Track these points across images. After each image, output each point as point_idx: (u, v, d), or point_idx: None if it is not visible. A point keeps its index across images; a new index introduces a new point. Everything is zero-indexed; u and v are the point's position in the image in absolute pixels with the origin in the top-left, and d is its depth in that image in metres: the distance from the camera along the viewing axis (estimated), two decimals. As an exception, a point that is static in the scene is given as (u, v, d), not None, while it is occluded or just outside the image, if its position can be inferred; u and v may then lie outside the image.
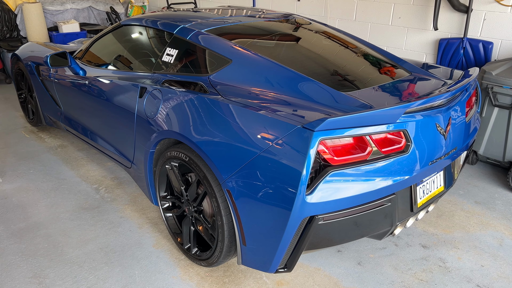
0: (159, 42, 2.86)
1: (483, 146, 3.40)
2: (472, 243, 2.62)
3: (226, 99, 2.07)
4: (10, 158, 3.75)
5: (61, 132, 4.32)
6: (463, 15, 3.94)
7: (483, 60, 3.88)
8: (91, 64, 3.27)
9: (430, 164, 2.03)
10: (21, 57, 4.05)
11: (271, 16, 3.11)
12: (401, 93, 2.28)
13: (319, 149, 1.70)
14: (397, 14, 4.46)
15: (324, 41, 2.87)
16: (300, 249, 1.84)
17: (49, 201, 3.06)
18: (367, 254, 2.50)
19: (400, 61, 2.72)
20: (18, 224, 2.77)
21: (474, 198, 3.15)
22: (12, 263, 2.41)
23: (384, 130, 1.82)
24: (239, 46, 2.43)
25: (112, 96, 2.84)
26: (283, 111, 1.88)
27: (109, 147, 3.06)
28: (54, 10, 7.27)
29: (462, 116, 2.28)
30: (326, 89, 2.09)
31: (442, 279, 2.31)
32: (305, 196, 1.69)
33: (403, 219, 2.06)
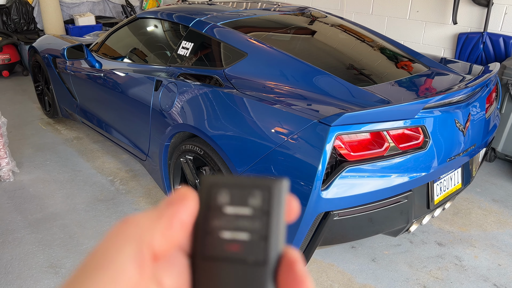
0: (174, 35, 2.86)
1: (502, 143, 3.33)
2: (489, 241, 2.57)
3: (241, 93, 2.06)
4: (27, 149, 3.81)
5: (77, 124, 4.37)
6: (484, 9, 3.85)
7: (503, 55, 3.78)
8: (107, 56, 3.29)
9: (448, 161, 1.99)
10: (38, 50, 4.09)
11: (286, 9, 3.08)
12: (419, 88, 2.25)
13: (335, 144, 1.69)
14: (415, 8, 4.38)
15: (340, 35, 2.83)
16: (314, 244, 1.83)
17: (65, 192, 3.10)
18: (381, 251, 2.48)
19: (418, 56, 2.67)
20: (35, 215, 2.82)
21: (492, 196, 3.09)
22: (29, 252, 2.45)
23: (402, 125, 1.80)
24: (254, 39, 2.41)
25: (127, 89, 2.85)
26: (298, 105, 1.86)
27: (124, 139, 3.09)
28: (70, 3, 7.33)
29: (481, 112, 2.23)
30: (342, 83, 2.07)
31: (458, 277, 2.28)
32: (321, 192, 1.68)
33: (419, 216, 2.04)
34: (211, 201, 0.30)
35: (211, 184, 0.31)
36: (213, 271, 0.29)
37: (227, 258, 0.29)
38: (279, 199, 0.30)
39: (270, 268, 0.29)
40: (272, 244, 0.29)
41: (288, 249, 0.30)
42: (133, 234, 0.26)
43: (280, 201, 0.30)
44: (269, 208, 0.29)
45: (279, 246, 0.29)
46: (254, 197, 0.30)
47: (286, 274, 0.28)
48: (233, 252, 0.29)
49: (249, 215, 0.29)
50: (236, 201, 0.30)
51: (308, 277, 0.28)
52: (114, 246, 0.26)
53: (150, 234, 0.27)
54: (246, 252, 0.29)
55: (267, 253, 0.29)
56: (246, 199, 0.30)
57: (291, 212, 0.30)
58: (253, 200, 0.30)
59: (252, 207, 0.30)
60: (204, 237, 0.30)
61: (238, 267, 0.29)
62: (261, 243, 0.29)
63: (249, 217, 0.29)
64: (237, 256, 0.29)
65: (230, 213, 0.30)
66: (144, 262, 0.26)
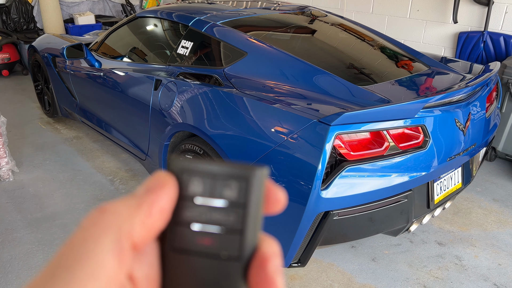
0: (174, 34, 2.86)
1: (503, 142, 3.32)
2: (490, 241, 2.57)
3: (240, 92, 2.06)
4: (27, 148, 3.80)
5: (76, 124, 4.37)
6: (484, 8, 3.84)
7: (503, 55, 3.78)
8: (106, 56, 3.28)
9: (448, 160, 1.98)
10: (38, 49, 4.09)
11: (286, 8, 3.08)
12: (419, 87, 2.24)
13: (335, 144, 1.68)
14: (415, 7, 4.37)
15: (340, 34, 2.83)
16: (314, 244, 1.83)
17: (64, 192, 3.10)
18: (381, 251, 2.47)
19: (418, 55, 2.66)
20: (34, 214, 2.82)
21: (492, 195, 3.08)
22: (29, 252, 2.45)
23: (402, 125, 1.79)
24: (254, 38, 2.41)
25: (127, 88, 2.85)
26: (298, 105, 1.86)
27: (124, 139, 3.08)
28: (70, 2, 7.33)
29: (482, 111, 2.22)
30: (342, 82, 2.06)
31: (458, 277, 2.27)
32: (320, 191, 1.67)
33: (419, 216, 2.03)
34: (182, 189, 0.28)
35: (182, 170, 0.28)
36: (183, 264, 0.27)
37: (198, 252, 0.27)
38: (257, 190, 0.27)
39: (244, 263, 0.27)
40: (248, 239, 0.27)
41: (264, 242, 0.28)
42: (111, 223, 0.25)
43: (258, 193, 0.27)
44: (245, 200, 0.27)
45: (255, 240, 0.28)
46: (229, 188, 0.27)
47: (257, 272, 0.27)
48: (205, 246, 0.27)
49: (223, 207, 0.27)
50: (210, 192, 0.28)
51: (279, 276, 0.27)
52: (92, 236, 0.24)
53: (129, 223, 0.25)
54: (219, 246, 0.27)
55: (242, 249, 0.27)
56: (221, 190, 0.27)
57: (276, 203, 0.29)
58: (229, 191, 0.27)
59: (227, 199, 0.27)
60: (174, 228, 0.28)
61: (209, 261, 0.27)
62: (236, 237, 0.27)
63: (223, 210, 0.27)
64: (209, 251, 0.27)
65: (203, 204, 0.28)
66: (123, 253, 0.25)
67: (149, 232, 0.26)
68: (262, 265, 0.27)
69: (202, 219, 0.28)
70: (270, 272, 0.27)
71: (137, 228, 0.25)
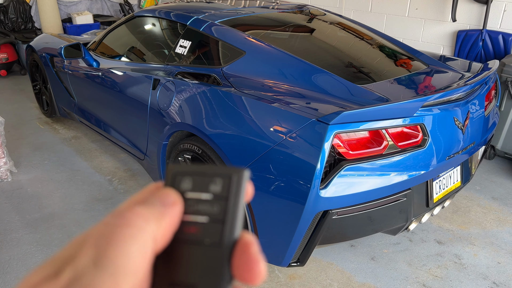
0: (172, 33, 2.85)
1: (502, 140, 3.32)
2: (489, 239, 2.57)
3: (239, 92, 2.05)
4: (25, 148, 3.79)
5: (75, 124, 4.36)
6: (483, 6, 3.84)
7: (502, 53, 3.78)
8: (104, 55, 3.27)
9: (447, 159, 1.98)
10: (36, 49, 4.08)
11: (285, 7, 3.07)
12: (418, 86, 2.24)
13: (334, 143, 1.68)
14: (414, 5, 4.37)
15: (339, 33, 2.82)
16: (313, 243, 1.83)
17: (63, 192, 3.09)
18: (381, 249, 2.47)
19: (417, 53, 2.66)
20: (33, 214, 2.81)
21: (491, 193, 3.08)
22: (28, 252, 2.44)
23: (401, 124, 1.79)
24: (252, 37, 2.40)
25: (125, 88, 2.84)
26: (297, 104, 1.85)
27: (123, 138, 3.08)
28: (68, 2, 7.31)
29: (480, 110, 2.22)
30: (341, 81, 2.06)
31: (458, 275, 2.27)
32: (319, 191, 1.67)
33: (419, 215, 2.03)
34: (174, 187, 0.32)
35: (176, 172, 0.33)
36: (171, 251, 0.31)
37: (185, 239, 0.31)
38: (239, 186, 0.31)
39: (226, 250, 0.30)
40: (228, 227, 0.31)
41: (244, 233, 0.32)
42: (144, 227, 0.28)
43: (239, 188, 0.31)
44: (228, 194, 0.31)
45: (236, 230, 0.31)
46: (215, 184, 0.32)
47: (240, 255, 0.30)
48: (191, 234, 0.31)
49: (209, 199, 0.31)
50: (198, 187, 0.32)
51: (261, 258, 0.30)
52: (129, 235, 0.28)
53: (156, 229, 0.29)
54: (203, 234, 0.31)
55: (222, 236, 0.30)
56: (207, 186, 0.32)
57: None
58: (214, 186, 0.32)
59: (212, 193, 0.31)
60: None
61: (195, 248, 0.30)
62: (218, 226, 0.31)
63: (208, 202, 0.31)
64: (194, 238, 0.31)
65: (192, 198, 0.32)
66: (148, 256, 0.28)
67: (164, 242, 0.30)
68: (245, 248, 0.30)
69: (191, 211, 0.32)
70: (253, 253, 0.30)
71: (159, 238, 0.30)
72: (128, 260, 0.27)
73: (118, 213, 0.29)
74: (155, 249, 0.29)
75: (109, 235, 0.27)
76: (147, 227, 0.28)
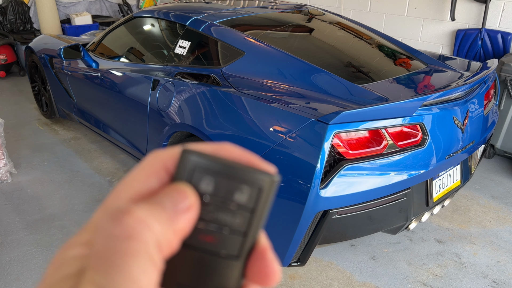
0: (171, 34, 2.85)
1: (501, 139, 3.32)
2: (489, 238, 2.57)
3: (238, 92, 2.05)
4: (25, 150, 3.79)
5: (74, 124, 4.35)
6: (482, 5, 3.84)
7: (501, 52, 3.78)
8: (103, 56, 3.27)
9: (447, 158, 1.99)
10: (35, 50, 4.07)
11: (284, 7, 3.07)
12: (417, 85, 2.24)
13: (333, 143, 1.68)
14: (413, 5, 4.37)
15: (338, 32, 2.82)
16: (313, 243, 1.83)
17: (63, 193, 3.09)
18: (381, 249, 2.47)
19: (416, 53, 2.66)
20: (33, 216, 2.81)
21: (491, 192, 3.09)
22: (28, 253, 2.44)
23: (400, 123, 1.79)
24: (252, 37, 2.40)
25: (124, 89, 2.84)
26: (297, 104, 1.86)
27: (122, 139, 3.07)
28: (66, 2, 7.30)
29: (480, 109, 2.22)
30: (341, 81, 2.06)
31: (458, 274, 2.27)
32: (319, 190, 1.67)
33: (419, 214, 2.03)
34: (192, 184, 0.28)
35: (195, 165, 0.27)
36: (182, 257, 0.28)
37: (199, 247, 0.28)
38: (267, 198, 0.28)
39: (242, 260, 0.28)
40: (249, 241, 0.28)
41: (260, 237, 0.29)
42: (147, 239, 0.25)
43: (268, 200, 0.28)
44: (255, 206, 0.28)
45: (255, 239, 0.29)
46: (241, 192, 0.27)
47: (256, 261, 0.28)
48: (206, 243, 0.28)
49: (231, 209, 0.27)
50: (220, 193, 0.27)
51: (276, 261, 0.29)
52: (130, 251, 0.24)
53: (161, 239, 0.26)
54: (220, 245, 0.28)
55: (242, 249, 0.28)
56: (232, 193, 0.27)
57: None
58: (240, 195, 0.27)
59: (237, 202, 0.27)
60: None
61: (208, 257, 0.28)
62: (239, 239, 0.28)
63: (231, 211, 0.27)
64: (209, 248, 0.28)
65: (211, 203, 0.28)
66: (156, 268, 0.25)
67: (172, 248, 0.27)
68: (262, 255, 0.28)
69: (208, 218, 0.28)
70: (269, 259, 0.28)
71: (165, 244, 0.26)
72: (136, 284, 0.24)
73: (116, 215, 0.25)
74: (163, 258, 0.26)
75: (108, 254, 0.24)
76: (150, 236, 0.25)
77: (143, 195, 0.27)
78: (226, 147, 0.29)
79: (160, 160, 0.29)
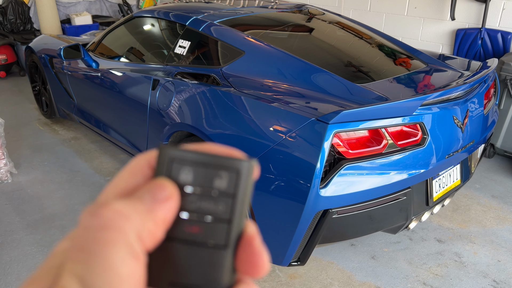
0: (171, 34, 2.85)
1: (501, 139, 3.32)
2: (489, 237, 2.57)
3: (238, 91, 2.05)
4: (25, 150, 3.79)
5: (74, 124, 4.35)
6: (481, 5, 3.84)
7: (501, 51, 3.78)
8: (103, 56, 3.27)
9: (447, 157, 1.99)
10: (35, 50, 4.07)
11: (283, 7, 3.07)
12: (417, 85, 2.24)
13: (333, 142, 1.68)
14: (413, 4, 4.37)
15: (338, 32, 2.82)
16: (313, 242, 1.83)
17: (63, 193, 3.09)
18: (381, 248, 2.47)
19: (416, 52, 2.66)
20: (33, 216, 2.81)
21: (491, 192, 3.09)
22: (28, 253, 2.45)
23: (400, 122, 1.79)
24: (252, 37, 2.40)
25: (125, 89, 2.84)
26: (296, 103, 1.86)
27: (122, 139, 3.08)
28: (66, 3, 7.30)
29: (480, 108, 2.22)
30: (341, 80, 2.06)
31: (458, 273, 2.27)
32: (319, 190, 1.67)
33: (419, 213, 2.03)
34: (171, 178, 0.28)
35: (172, 158, 0.28)
36: (169, 251, 0.28)
37: (186, 240, 0.28)
38: (247, 182, 0.28)
39: (231, 249, 0.28)
40: (235, 228, 0.28)
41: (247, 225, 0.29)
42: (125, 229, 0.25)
43: (247, 184, 0.28)
44: (235, 191, 0.28)
45: (241, 227, 0.29)
46: (220, 179, 0.28)
47: (244, 250, 0.29)
48: (193, 234, 0.28)
49: (213, 196, 0.28)
50: (200, 182, 0.28)
51: (264, 250, 0.29)
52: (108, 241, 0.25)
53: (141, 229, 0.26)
54: (206, 235, 0.28)
55: (228, 237, 0.28)
56: (211, 180, 0.28)
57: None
58: (219, 181, 0.28)
59: (217, 189, 0.28)
60: None
61: (196, 249, 0.28)
62: (224, 226, 0.28)
63: (212, 199, 0.28)
64: (196, 239, 0.28)
65: (192, 193, 0.28)
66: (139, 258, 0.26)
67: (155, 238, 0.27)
68: (249, 243, 0.29)
69: (191, 208, 0.28)
70: (257, 247, 0.29)
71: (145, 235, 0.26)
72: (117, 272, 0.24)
73: (94, 210, 0.26)
74: (144, 248, 0.26)
75: (89, 245, 0.24)
76: (128, 226, 0.25)
77: (128, 192, 0.28)
78: (206, 144, 0.30)
79: (145, 159, 0.30)
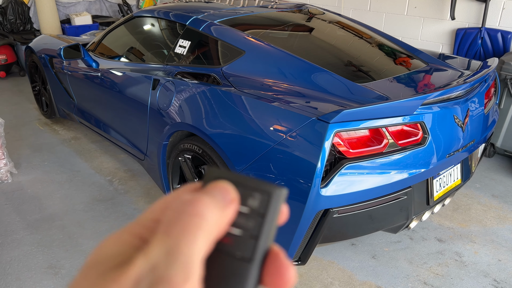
0: (171, 33, 2.85)
1: (501, 138, 3.32)
2: (489, 237, 2.57)
3: (239, 91, 2.05)
4: (25, 150, 3.79)
5: (74, 124, 4.35)
6: (481, 4, 3.84)
7: (501, 51, 3.78)
8: (103, 56, 3.27)
9: (447, 156, 1.98)
10: (35, 50, 4.07)
11: (284, 6, 3.07)
12: (418, 84, 2.24)
13: (334, 142, 1.68)
14: (412, 4, 4.37)
15: (338, 32, 2.82)
16: (314, 242, 1.83)
17: (63, 193, 3.09)
18: (381, 248, 2.47)
19: (416, 52, 2.66)
20: (33, 215, 2.81)
21: (491, 191, 3.09)
22: (29, 253, 2.44)
23: (401, 122, 1.79)
24: (252, 37, 2.40)
25: (125, 88, 2.84)
26: (297, 103, 1.86)
27: (122, 139, 3.07)
28: (66, 3, 7.30)
29: (480, 108, 2.22)
30: (341, 80, 2.06)
31: (458, 273, 2.27)
32: (320, 189, 1.67)
33: (419, 213, 2.03)
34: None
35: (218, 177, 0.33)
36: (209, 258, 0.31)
37: (218, 248, 0.31)
38: (276, 205, 0.32)
39: (255, 265, 0.31)
40: (261, 245, 0.31)
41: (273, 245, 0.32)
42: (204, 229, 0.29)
43: (276, 207, 0.32)
44: (265, 211, 0.31)
45: (267, 246, 0.32)
46: (253, 199, 0.32)
47: (271, 264, 0.31)
48: (224, 244, 0.31)
49: (245, 213, 0.31)
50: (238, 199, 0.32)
51: (291, 264, 0.31)
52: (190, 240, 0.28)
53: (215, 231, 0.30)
54: (235, 246, 0.31)
55: (254, 252, 0.31)
56: (246, 199, 0.32)
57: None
58: (252, 201, 0.32)
59: (250, 207, 0.32)
60: None
61: (225, 258, 0.31)
62: (251, 241, 0.31)
63: (245, 216, 0.31)
64: (226, 248, 0.31)
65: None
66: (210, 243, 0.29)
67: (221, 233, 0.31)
68: (276, 257, 0.32)
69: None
70: (283, 260, 0.31)
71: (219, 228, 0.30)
72: (197, 252, 0.27)
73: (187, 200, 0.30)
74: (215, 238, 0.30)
75: (179, 224, 0.28)
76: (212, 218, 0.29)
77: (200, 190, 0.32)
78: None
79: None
